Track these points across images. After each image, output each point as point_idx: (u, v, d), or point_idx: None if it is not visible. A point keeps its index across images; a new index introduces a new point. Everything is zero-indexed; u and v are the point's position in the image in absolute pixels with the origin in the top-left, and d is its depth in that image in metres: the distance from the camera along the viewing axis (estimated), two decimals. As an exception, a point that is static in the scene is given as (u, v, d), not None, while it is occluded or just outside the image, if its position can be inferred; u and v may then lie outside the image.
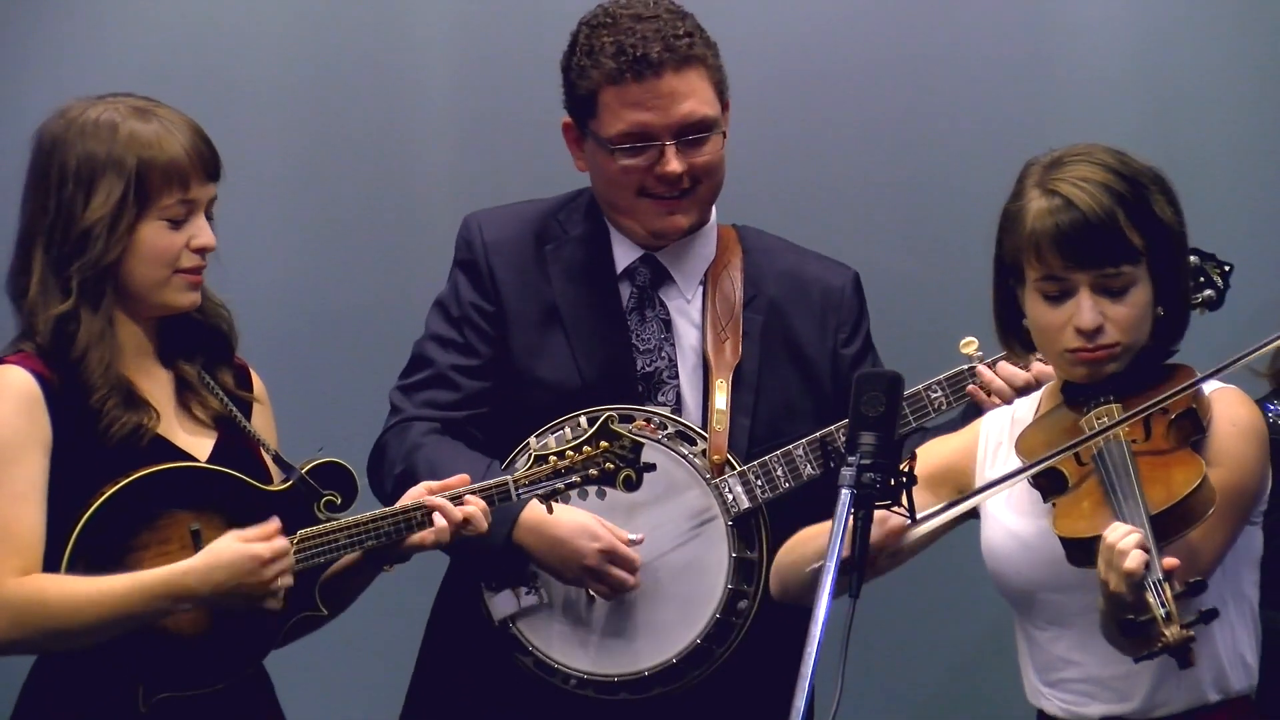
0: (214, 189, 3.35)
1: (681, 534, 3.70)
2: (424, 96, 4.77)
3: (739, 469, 3.69)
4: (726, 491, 3.69)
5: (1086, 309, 3.10)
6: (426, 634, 3.85)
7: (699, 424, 3.72)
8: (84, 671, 3.25)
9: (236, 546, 3.22)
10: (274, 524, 3.26)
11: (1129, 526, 2.87)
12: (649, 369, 3.76)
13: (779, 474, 3.69)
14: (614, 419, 3.47)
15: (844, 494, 2.84)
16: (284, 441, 3.47)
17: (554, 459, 3.43)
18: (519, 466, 3.48)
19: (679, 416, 3.73)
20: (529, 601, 3.68)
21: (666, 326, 3.78)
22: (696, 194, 3.75)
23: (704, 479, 3.69)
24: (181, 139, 3.30)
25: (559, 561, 3.62)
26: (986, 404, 3.60)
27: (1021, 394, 3.54)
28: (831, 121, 4.75)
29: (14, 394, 3.23)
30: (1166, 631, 2.78)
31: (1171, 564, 2.84)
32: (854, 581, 2.84)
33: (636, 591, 3.65)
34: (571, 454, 3.44)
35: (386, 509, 3.36)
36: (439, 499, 3.36)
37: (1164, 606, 2.79)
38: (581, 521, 3.61)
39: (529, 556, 3.63)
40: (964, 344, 3.69)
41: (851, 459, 2.86)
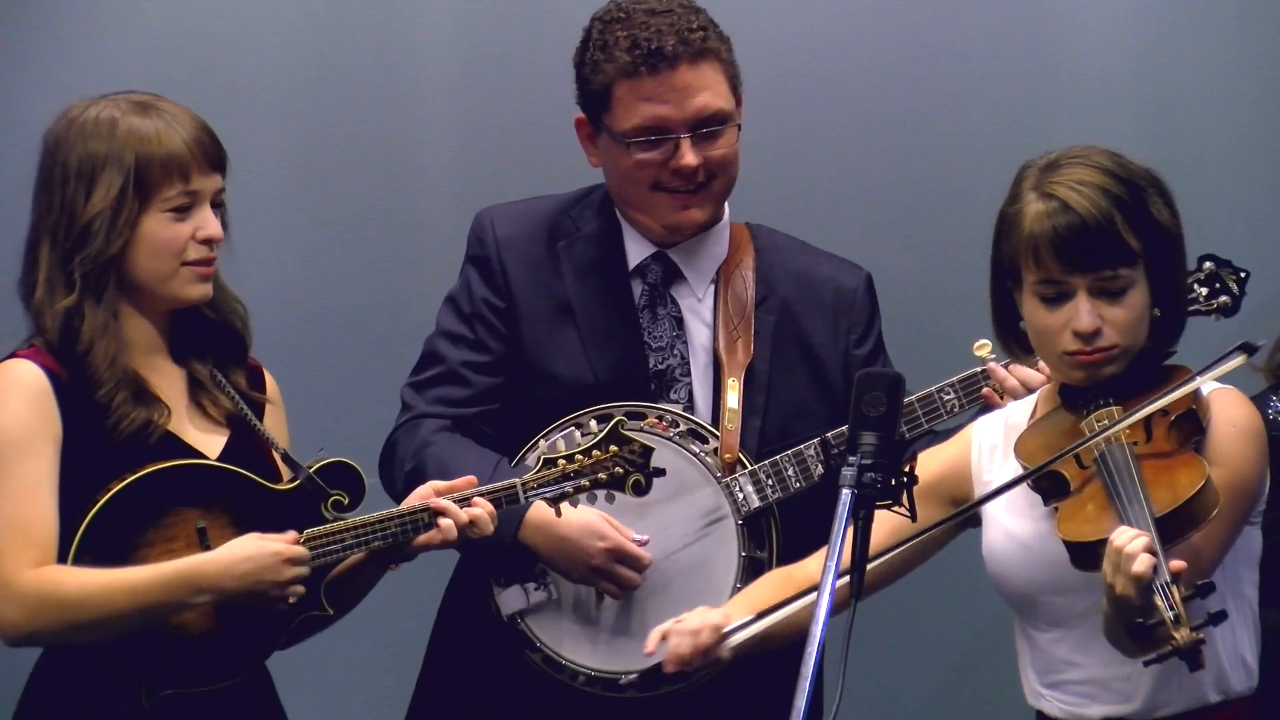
0: (219, 180, 3.35)
1: (692, 533, 3.69)
2: (426, 96, 4.76)
3: (750, 468, 3.69)
4: (737, 491, 3.68)
5: (1084, 312, 3.09)
6: (435, 630, 3.85)
7: (709, 423, 3.72)
8: (88, 667, 3.26)
9: (260, 542, 3.23)
10: (292, 535, 3.27)
11: (1135, 530, 2.86)
12: (661, 366, 3.75)
13: (790, 474, 3.68)
14: (624, 423, 3.46)
15: (844, 494, 2.84)
16: (289, 440, 3.48)
17: (563, 462, 3.43)
18: (528, 466, 3.48)
19: (690, 415, 3.73)
20: (538, 598, 3.67)
21: (678, 324, 3.77)
22: (711, 188, 3.74)
23: (715, 478, 3.68)
24: (182, 131, 3.31)
25: (566, 561, 3.62)
26: (1000, 407, 3.58)
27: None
28: (840, 122, 4.73)
29: (24, 388, 3.25)
30: (1176, 634, 2.78)
31: (1179, 566, 2.83)
32: (854, 582, 2.83)
33: (646, 589, 3.65)
34: (581, 458, 3.43)
35: (393, 510, 3.36)
36: (444, 501, 3.35)
37: (1172, 609, 2.79)
38: (588, 521, 3.60)
39: (536, 555, 3.63)
40: (977, 346, 3.67)
41: (852, 459, 2.85)
